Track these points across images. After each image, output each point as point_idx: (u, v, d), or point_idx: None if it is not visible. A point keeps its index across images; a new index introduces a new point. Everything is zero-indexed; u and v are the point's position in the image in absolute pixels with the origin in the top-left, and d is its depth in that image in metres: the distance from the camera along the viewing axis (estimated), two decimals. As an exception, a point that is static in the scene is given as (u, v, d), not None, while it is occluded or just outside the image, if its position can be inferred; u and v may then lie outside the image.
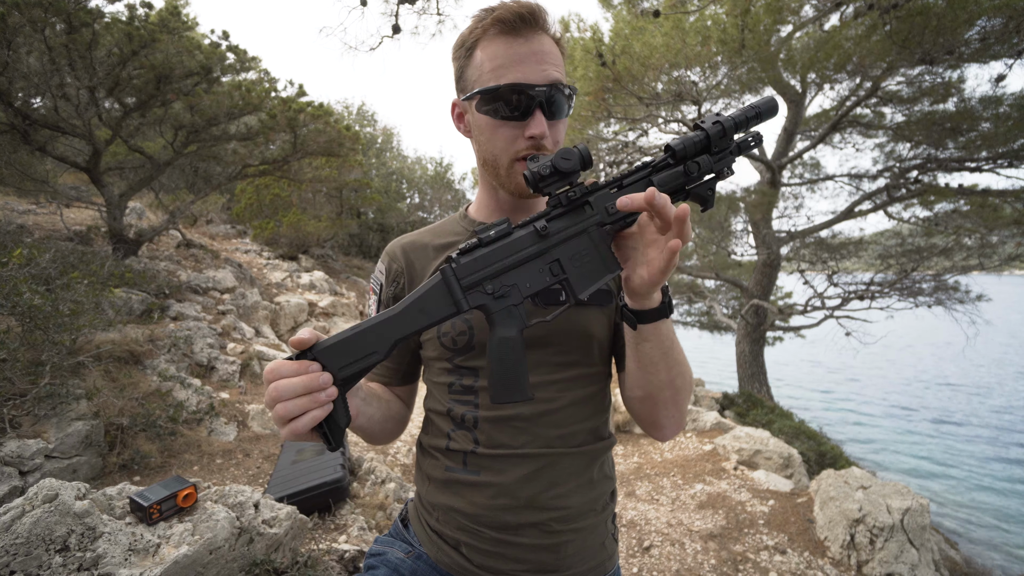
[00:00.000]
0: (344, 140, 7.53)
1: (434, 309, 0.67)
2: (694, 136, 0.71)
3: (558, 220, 0.70)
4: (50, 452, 2.77)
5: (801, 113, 8.56)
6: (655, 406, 0.83)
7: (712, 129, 0.71)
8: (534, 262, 0.69)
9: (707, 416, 5.37)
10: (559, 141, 0.83)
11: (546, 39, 0.80)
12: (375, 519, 2.81)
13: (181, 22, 5.80)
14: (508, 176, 0.84)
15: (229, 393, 4.40)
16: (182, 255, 7.37)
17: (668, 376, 0.79)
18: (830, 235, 10.06)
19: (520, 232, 0.70)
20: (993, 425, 12.43)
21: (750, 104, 0.74)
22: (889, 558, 2.82)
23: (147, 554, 1.55)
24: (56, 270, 3.83)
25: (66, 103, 5.23)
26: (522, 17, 0.78)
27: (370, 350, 0.65)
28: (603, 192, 0.71)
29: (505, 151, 0.82)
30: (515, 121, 0.80)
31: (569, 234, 0.70)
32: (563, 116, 0.83)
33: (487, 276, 0.68)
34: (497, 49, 0.79)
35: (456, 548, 0.88)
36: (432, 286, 0.68)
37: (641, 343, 0.77)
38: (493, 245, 0.69)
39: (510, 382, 0.69)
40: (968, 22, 5.39)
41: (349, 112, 19.99)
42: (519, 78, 0.77)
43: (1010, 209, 7.08)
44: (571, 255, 0.69)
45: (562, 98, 0.80)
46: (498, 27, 0.79)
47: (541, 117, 0.79)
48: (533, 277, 0.69)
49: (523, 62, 0.78)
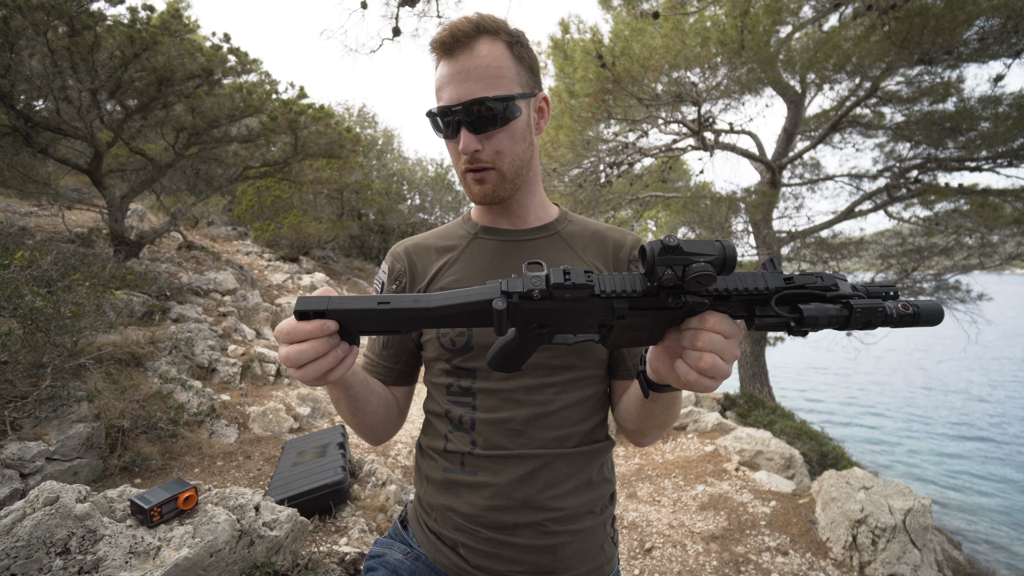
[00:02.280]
0: (345, 142, 7.54)
1: (470, 322, 0.64)
2: (832, 312, 0.59)
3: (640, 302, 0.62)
4: (51, 454, 2.78)
5: (801, 113, 8.56)
6: (642, 436, 0.90)
7: (858, 316, 0.59)
8: (592, 319, 0.64)
9: (708, 417, 5.37)
10: (502, 150, 0.84)
11: (481, 51, 0.81)
12: (376, 521, 2.81)
13: (182, 25, 5.81)
14: (465, 186, 0.91)
15: (230, 395, 4.40)
16: (183, 257, 7.38)
17: (663, 421, 0.84)
18: (831, 235, 10.04)
19: (597, 303, 0.62)
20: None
21: (914, 303, 0.62)
22: (891, 559, 2.81)
23: (148, 557, 1.55)
24: (57, 272, 3.84)
25: (68, 105, 5.24)
26: (455, 37, 0.81)
27: (391, 328, 0.64)
28: (700, 301, 0.61)
29: (456, 165, 0.89)
30: (452, 139, 0.85)
31: (639, 317, 0.63)
32: (497, 126, 0.82)
33: (540, 321, 0.64)
34: (440, 72, 0.84)
35: (454, 549, 0.89)
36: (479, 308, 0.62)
37: (649, 404, 0.79)
38: (563, 304, 0.62)
39: (508, 363, 0.71)
40: (967, 22, 5.38)
41: (350, 114, 20.03)
42: (445, 100, 0.82)
43: (1010, 208, 7.07)
44: (628, 325, 0.64)
45: (487, 111, 0.80)
46: (439, 51, 0.83)
47: (466, 134, 0.82)
48: (581, 327, 0.66)
49: (450, 83, 0.82)
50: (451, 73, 0.81)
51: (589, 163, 8.72)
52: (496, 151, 0.84)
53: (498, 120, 0.82)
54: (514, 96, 0.82)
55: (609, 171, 8.33)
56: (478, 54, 0.81)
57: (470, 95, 0.80)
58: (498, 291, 0.62)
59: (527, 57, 0.87)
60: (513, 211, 0.95)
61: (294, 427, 4.26)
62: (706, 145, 7.82)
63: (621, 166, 8.35)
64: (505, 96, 0.81)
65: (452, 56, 0.82)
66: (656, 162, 9.23)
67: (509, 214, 0.95)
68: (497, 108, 0.81)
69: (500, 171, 0.86)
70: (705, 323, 0.59)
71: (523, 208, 0.95)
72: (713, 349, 0.58)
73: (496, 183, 0.87)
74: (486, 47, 0.82)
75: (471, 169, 0.86)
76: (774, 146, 8.95)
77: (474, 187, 0.88)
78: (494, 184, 0.87)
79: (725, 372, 0.60)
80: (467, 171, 0.87)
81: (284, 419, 4.21)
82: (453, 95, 0.81)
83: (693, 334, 0.60)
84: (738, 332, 0.61)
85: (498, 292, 0.62)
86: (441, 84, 0.83)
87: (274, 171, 7.68)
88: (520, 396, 0.86)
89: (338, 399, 0.85)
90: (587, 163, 8.74)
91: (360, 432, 0.92)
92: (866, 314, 0.60)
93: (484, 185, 0.87)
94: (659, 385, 0.71)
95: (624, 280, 0.62)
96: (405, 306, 0.62)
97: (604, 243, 0.96)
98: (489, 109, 0.81)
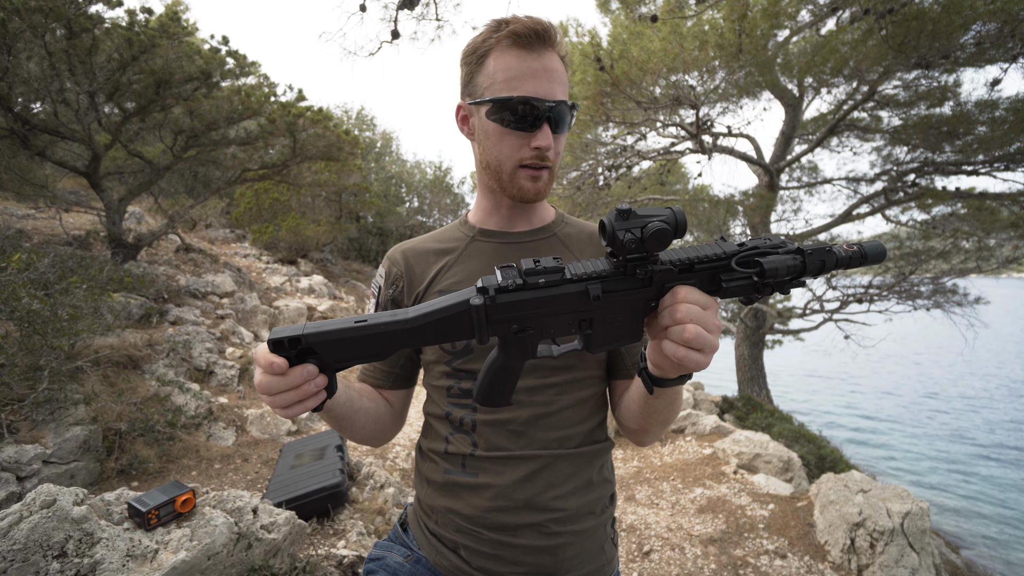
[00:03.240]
0: (343, 144, 7.54)
1: (451, 332, 0.63)
2: (788, 261, 0.66)
3: (613, 283, 0.66)
4: (48, 457, 2.76)
5: (798, 117, 8.60)
6: (644, 434, 0.90)
7: (811, 261, 0.67)
8: (570, 315, 0.66)
9: (707, 420, 5.36)
10: (560, 153, 0.90)
11: (555, 57, 0.85)
12: (374, 524, 2.80)
13: (181, 27, 5.82)
14: (511, 181, 0.89)
15: (228, 398, 4.39)
16: (181, 259, 7.36)
17: (664, 417, 0.85)
18: (828, 238, 10.08)
19: (571, 288, 0.65)
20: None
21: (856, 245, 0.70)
22: (889, 562, 2.81)
23: (145, 560, 1.54)
24: (55, 275, 3.83)
25: (66, 108, 5.24)
26: (536, 34, 0.82)
27: (373, 352, 0.62)
28: (666, 269, 0.66)
29: (510, 158, 0.87)
30: (522, 132, 0.85)
31: (615, 301, 0.66)
32: (564, 131, 0.89)
33: (519, 318, 0.65)
34: (510, 61, 0.83)
35: (455, 551, 0.89)
36: (457, 312, 0.63)
37: (651, 400, 0.80)
38: (538, 291, 0.64)
39: (495, 390, 0.71)
40: (963, 26, 5.42)
41: (348, 116, 20.04)
42: (531, 92, 0.82)
43: (1007, 212, 7.10)
44: (605, 318, 0.67)
45: (567, 115, 0.86)
46: (513, 40, 0.83)
47: (548, 130, 0.84)
48: (561, 326, 0.67)
49: (535, 77, 0.83)
50: (537, 68, 0.83)
51: (588, 166, 8.74)
52: (557, 153, 0.89)
53: (566, 125, 0.88)
54: (578, 107, 0.90)
55: (607, 174, 8.35)
56: (554, 59, 0.85)
57: (558, 95, 0.84)
58: (474, 290, 0.63)
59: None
60: (522, 214, 0.97)
61: (292, 430, 4.24)
62: (704, 148, 7.85)
63: (619, 169, 8.37)
64: (575, 106, 0.88)
65: (532, 51, 0.83)
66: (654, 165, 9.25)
67: (516, 217, 0.97)
68: (570, 114, 0.87)
69: (552, 172, 0.90)
70: (677, 296, 0.62)
71: (524, 211, 0.97)
72: (692, 319, 0.61)
73: (547, 182, 0.90)
74: (554, 55, 0.86)
75: (532, 166, 0.87)
76: (772, 149, 8.99)
77: (527, 183, 0.88)
78: (546, 183, 0.90)
79: (711, 343, 0.61)
80: (525, 167, 0.87)
81: (282, 422, 4.20)
82: (542, 90, 0.83)
83: (670, 310, 0.63)
84: (712, 302, 0.64)
85: (474, 291, 0.63)
86: (520, 74, 0.82)
87: (272, 173, 7.68)
88: (521, 397, 0.86)
89: (322, 417, 0.85)
90: (586, 166, 8.77)
91: (353, 441, 0.93)
92: (817, 255, 0.67)
93: (539, 183, 0.89)
94: (662, 380, 0.72)
95: (593, 263, 0.66)
96: (383, 321, 0.61)
97: (600, 244, 0.97)
98: (568, 114, 0.86)
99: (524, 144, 0.85)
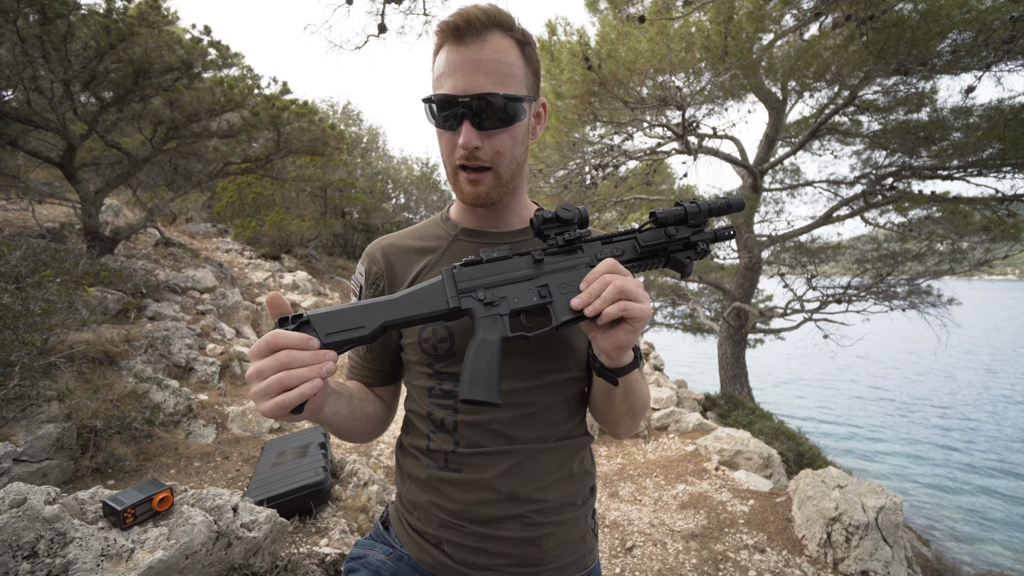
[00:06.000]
0: (329, 139, 7.45)
1: (428, 302, 0.75)
2: (674, 208, 0.83)
3: (553, 256, 0.81)
4: (19, 456, 2.68)
5: (782, 120, 8.73)
6: (616, 425, 0.94)
7: (689, 206, 0.83)
8: (525, 283, 0.78)
9: (689, 417, 5.44)
10: (502, 151, 0.81)
11: (493, 44, 0.77)
12: (357, 522, 2.78)
13: (161, 16, 5.68)
14: (454, 184, 0.86)
15: (208, 395, 4.31)
16: (160, 254, 7.21)
17: (629, 407, 0.88)
18: (809, 239, 10.28)
19: (518, 257, 0.80)
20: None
21: (723, 197, 0.88)
22: (864, 555, 2.89)
23: (120, 559, 1.51)
24: (27, 268, 3.72)
25: (39, 96, 5.08)
26: (465, 23, 0.76)
27: (359, 324, 0.71)
28: (594, 242, 0.83)
29: (448, 159, 0.84)
30: (451, 131, 0.81)
31: (560, 266, 0.80)
32: (503, 125, 0.79)
33: (481, 285, 0.77)
34: (442, 57, 0.79)
35: (438, 546, 0.88)
36: (431, 283, 0.77)
37: (613, 390, 0.83)
38: (492, 263, 0.79)
39: (480, 380, 0.71)
40: (940, 35, 5.56)
41: (334, 111, 19.79)
42: (449, 88, 0.77)
43: (979, 216, 7.31)
44: (559, 283, 0.78)
45: (497, 108, 0.77)
46: (446, 34, 0.78)
47: (469, 128, 0.77)
48: (522, 294, 0.78)
49: (456, 71, 0.77)
50: (460, 61, 0.77)
51: (575, 165, 8.77)
52: (496, 151, 0.81)
53: (504, 119, 0.79)
54: (522, 97, 0.80)
55: (594, 173, 8.38)
56: (490, 47, 0.77)
57: (479, 88, 0.76)
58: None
59: (534, 59, 0.84)
60: (497, 213, 0.93)
61: (274, 427, 4.19)
62: (690, 149, 7.93)
63: (606, 168, 8.41)
64: (514, 96, 0.78)
65: (461, 43, 0.77)
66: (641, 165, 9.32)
67: (492, 216, 0.93)
68: (505, 107, 0.78)
69: (497, 173, 0.83)
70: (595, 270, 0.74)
71: (507, 210, 0.94)
72: (604, 280, 0.71)
73: (491, 185, 0.83)
74: (498, 41, 0.78)
75: (466, 167, 0.81)
76: (756, 151, 9.12)
77: (466, 187, 0.83)
78: (488, 187, 0.83)
79: (631, 293, 0.69)
80: (461, 168, 0.82)
81: (264, 419, 4.14)
82: (460, 85, 0.76)
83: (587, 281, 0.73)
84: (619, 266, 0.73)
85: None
86: (446, 71, 0.78)
87: (256, 167, 7.56)
88: (503, 399, 0.86)
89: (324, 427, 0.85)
90: (573, 165, 8.79)
91: (333, 433, 0.91)
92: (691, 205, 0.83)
93: (478, 186, 0.82)
94: (617, 370, 0.79)
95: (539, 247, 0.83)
96: (373, 301, 0.74)
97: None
98: (498, 106, 0.77)
99: (454, 144, 0.80)
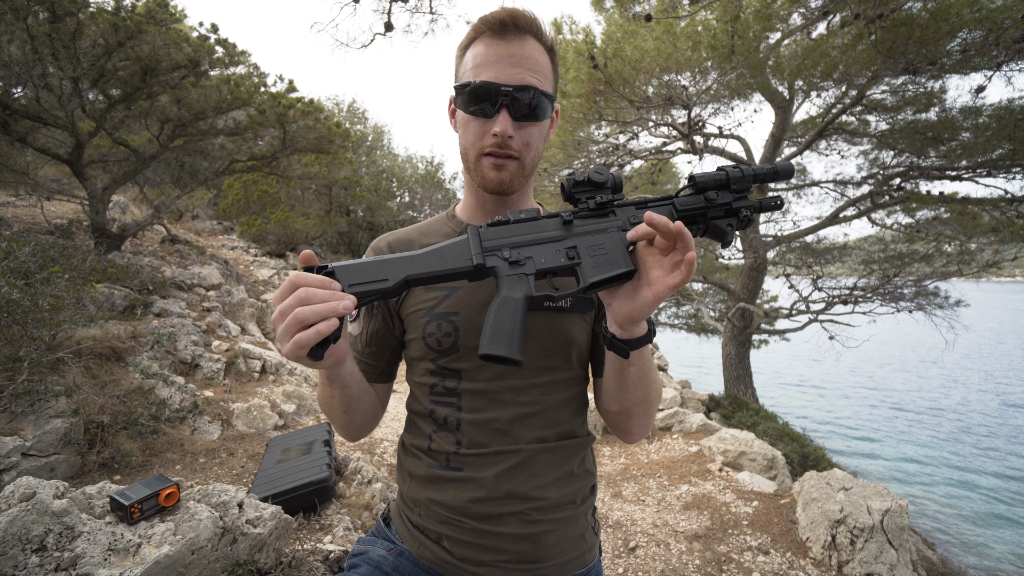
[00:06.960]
0: (334, 137, 7.47)
1: (452, 258, 0.73)
2: (715, 172, 0.79)
3: (584, 219, 0.78)
4: (27, 450, 2.71)
5: (788, 119, 8.68)
6: (629, 418, 0.90)
7: (732, 171, 0.78)
8: (553, 244, 0.76)
9: (693, 418, 5.42)
10: (531, 144, 0.86)
11: (531, 45, 0.83)
12: (361, 519, 2.79)
13: (168, 14, 5.71)
14: (476, 169, 0.87)
15: (213, 391, 4.34)
16: (167, 251, 7.25)
17: (644, 393, 0.86)
18: (815, 240, 10.21)
19: (547, 219, 0.78)
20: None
21: (771, 163, 0.82)
22: (869, 558, 2.87)
23: (127, 554, 1.52)
24: (36, 264, 3.75)
25: (48, 93, 5.12)
26: (504, 22, 0.82)
27: (382, 276, 0.70)
28: (627, 207, 0.80)
29: (474, 145, 0.86)
30: (483, 118, 0.83)
31: (591, 229, 0.77)
32: (533, 120, 0.84)
33: (507, 244, 0.75)
34: (480, 49, 0.83)
35: (438, 542, 0.89)
36: (457, 240, 0.76)
37: (626, 367, 0.82)
38: (520, 223, 0.77)
39: (501, 336, 0.68)
40: (950, 34, 5.50)
41: (340, 109, 19.83)
42: (490, 77, 0.81)
43: (988, 217, 7.24)
44: (589, 245, 0.75)
45: (532, 102, 0.82)
46: (486, 29, 0.83)
47: (506, 116, 0.81)
48: (549, 255, 0.75)
49: (498, 62, 0.81)
50: (501, 54, 0.81)
51: (580, 164, 8.75)
52: (526, 143, 0.85)
53: (536, 114, 0.84)
54: (553, 96, 0.86)
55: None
56: (528, 46, 0.83)
57: (521, 80, 0.81)
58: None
59: (556, 68, 0.90)
60: (499, 210, 0.95)
61: (279, 424, 4.21)
62: (695, 148, 7.90)
63: (611, 167, 8.39)
64: (549, 94, 0.85)
65: (503, 38, 0.82)
66: (646, 164, 9.29)
67: (494, 213, 0.95)
68: (540, 102, 0.83)
69: (522, 163, 0.87)
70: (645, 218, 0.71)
71: (513, 207, 0.95)
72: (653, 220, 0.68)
73: (515, 173, 0.87)
74: (534, 44, 0.84)
75: (494, 154, 0.84)
76: (762, 151, 9.06)
77: (490, 172, 0.86)
78: (512, 174, 0.86)
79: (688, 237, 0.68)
80: (487, 155, 0.85)
81: (269, 416, 4.16)
82: (503, 75, 0.81)
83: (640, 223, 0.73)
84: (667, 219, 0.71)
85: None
86: (485, 61, 0.82)
87: (261, 165, 7.58)
88: (506, 397, 0.87)
89: (332, 397, 0.85)
90: (578, 164, 8.78)
91: (343, 429, 0.93)
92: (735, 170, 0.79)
93: (503, 172, 0.86)
94: (630, 341, 0.76)
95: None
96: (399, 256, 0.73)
97: None
98: (534, 100, 0.82)
99: (486, 131, 0.84)
